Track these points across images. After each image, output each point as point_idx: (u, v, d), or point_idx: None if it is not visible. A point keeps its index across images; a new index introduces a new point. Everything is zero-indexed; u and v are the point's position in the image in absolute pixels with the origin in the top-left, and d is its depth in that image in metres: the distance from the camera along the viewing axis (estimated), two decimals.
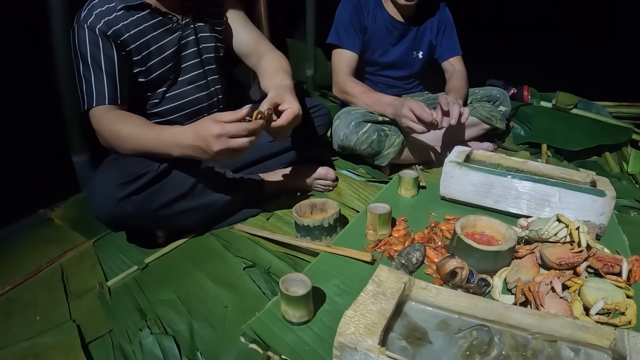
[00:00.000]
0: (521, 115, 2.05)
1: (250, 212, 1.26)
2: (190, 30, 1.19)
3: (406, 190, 1.30)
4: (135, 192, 1.01)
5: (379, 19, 1.64)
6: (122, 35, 1.07)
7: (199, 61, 1.23)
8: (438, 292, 0.76)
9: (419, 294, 0.76)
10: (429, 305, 0.77)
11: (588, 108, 2.13)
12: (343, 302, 0.86)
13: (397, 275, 0.75)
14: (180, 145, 0.99)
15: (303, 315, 0.80)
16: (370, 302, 0.68)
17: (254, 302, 0.95)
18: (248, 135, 0.97)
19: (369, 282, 0.73)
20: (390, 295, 0.70)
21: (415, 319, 0.75)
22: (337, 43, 1.62)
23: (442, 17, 1.72)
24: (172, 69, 1.18)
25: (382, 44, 1.68)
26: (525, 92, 2.21)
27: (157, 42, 1.13)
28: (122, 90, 1.09)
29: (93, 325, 0.92)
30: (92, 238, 1.22)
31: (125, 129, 1.03)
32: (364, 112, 1.49)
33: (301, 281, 0.80)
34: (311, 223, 1.08)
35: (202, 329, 0.89)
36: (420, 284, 0.76)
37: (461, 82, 1.66)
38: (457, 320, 0.76)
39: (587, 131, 1.93)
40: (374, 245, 1.05)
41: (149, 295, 0.99)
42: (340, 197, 1.38)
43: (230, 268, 1.06)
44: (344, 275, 0.94)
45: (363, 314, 0.66)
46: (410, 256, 0.99)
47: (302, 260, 1.08)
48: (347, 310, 0.67)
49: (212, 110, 1.30)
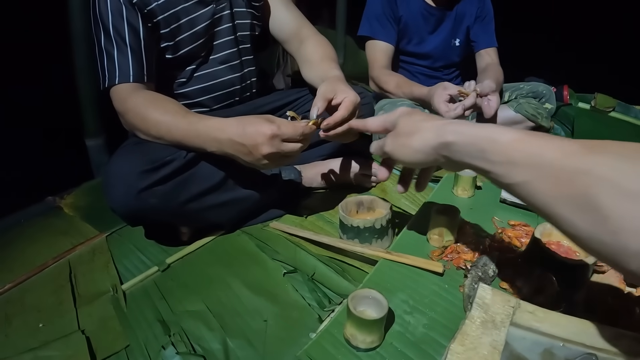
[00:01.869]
0: (562, 116, 1.96)
1: (284, 210, 1.11)
2: (225, 4, 1.05)
3: (463, 191, 1.14)
4: (160, 182, 0.86)
5: (414, 6, 1.54)
6: (149, 4, 0.93)
7: (233, 39, 1.09)
8: (545, 316, 0.60)
9: (524, 318, 0.60)
10: (533, 331, 0.61)
11: (626, 112, 2.04)
12: (415, 322, 0.70)
13: (503, 298, 0.58)
14: (220, 140, 0.84)
15: (374, 340, 0.63)
16: (479, 332, 0.52)
17: (298, 316, 0.79)
18: (301, 141, 0.83)
19: (474, 306, 0.56)
20: (500, 323, 0.54)
21: (517, 347, 0.59)
22: (370, 35, 1.53)
23: (482, 5, 1.60)
24: (203, 45, 1.04)
25: (419, 33, 1.57)
26: (565, 92, 2.11)
27: (188, 14, 0.99)
28: (148, 67, 0.95)
29: (106, 338, 0.77)
30: (106, 232, 1.09)
31: (154, 113, 0.88)
32: (409, 104, 1.36)
33: (373, 299, 0.63)
34: (362, 224, 0.92)
35: (239, 348, 0.73)
36: (527, 307, 0.59)
37: (498, 76, 1.50)
38: (562, 348, 0.61)
39: (628, 135, 1.83)
40: (440, 253, 0.89)
41: (173, 304, 0.83)
42: (386, 194, 1.22)
43: (268, 273, 0.90)
44: (411, 288, 0.77)
45: (474, 347, 0.50)
46: (487, 268, 0.82)
47: (351, 266, 0.92)
48: (452, 344, 0.51)
49: (245, 94, 1.16)
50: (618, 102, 2.06)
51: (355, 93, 0.92)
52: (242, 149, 0.83)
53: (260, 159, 0.83)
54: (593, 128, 1.86)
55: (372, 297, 0.64)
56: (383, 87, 1.49)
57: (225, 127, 0.83)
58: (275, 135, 0.80)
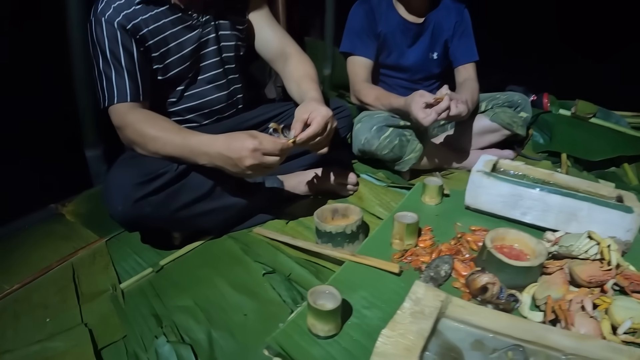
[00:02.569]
0: (541, 123, 2.01)
1: (270, 216, 1.22)
2: (210, 28, 1.15)
3: (430, 198, 1.26)
4: (154, 192, 0.97)
5: (392, 21, 1.60)
6: (141, 30, 1.03)
7: (218, 60, 1.19)
8: (476, 311, 0.72)
9: (456, 312, 0.71)
10: (464, 323, 0.72)
11: (607, 118, 2.08)
12: (371, 316, 0.81)
13: (434, 293, 0.70)
14: (210, 154, 0.96)
15: (331, 329, 0.75)
16: (408, 321, 0.64)
17: (275, 311, 0.90)
18: (279, 155, 0.95)
19: (406, 299, 0.68)
20: (429, 314, 0.66)
21: (451, 337, 0.70)
22: (351, 51, 1.59)
23: (460, 19, 1.65)
24: (190, 67, 1.14)
25: (397, 47, 1.64)
26: (545, 99, 2.17)
27: (176, 39, 1.09)
28: (144, 87, 1.05)
29: (106, 330, 0.88)
30: (105, 236, 1.19)
31: (151, 130, 0.99)
32: (386, 117, 1.45)
33: (330, 294, 0.75)
34: (333, 229, 1.03)
35: (222, 338, 0.85)
36: (458, 302, 0.71)
37: (473, 92, 1.54)
38: (492, 339, 0.72)
39: (607, 141, 1.87)
40: (400, 256, 1.00)
41: (165, 300, 0.95)
42: (362, 202, 1.33)
43: (250, 274, 1.01)
44: (371, 286, 0.89)
45: (402, 333, 0.61)
46: (439, 269, 0.94)
47: (324, 267, 1.04)
48: (384, 330, 0.63)
49: (232, 109, 1.26)
50: (599, 108, 2.07)
51: (326, 109, 1.04)
52: (229, 161, 0.95)
53: (244, 170, 0.95)
54: (571, 134, 1.89)
55: (329, 292, 0.76)
56: (363, 100, 1.56)
57: (214, 143, 0.96)
58: (256, 149, 0.92)
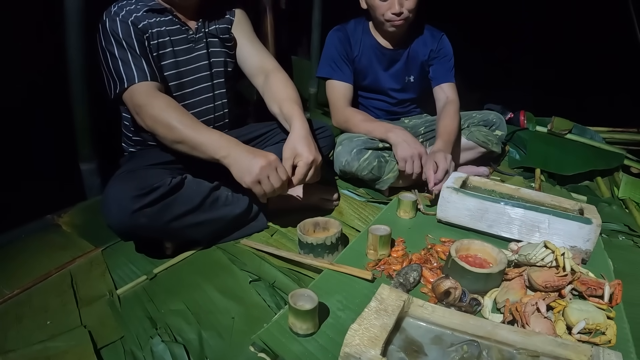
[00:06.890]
0: (517, 140, 2.10)
1: (256, 228, 1.31)
2: (202, 45, 1.26)
3: (405, 213, 1.37)
4: (149, 205, 1.05)
5: (367, 46, 1.68)
6: (146, 31, 1.15)
7: (208, 74, 1.29)
8: (433, 310, 0.83)
9: (417, 311, 0.82)
10: (425, 321, 0.83)
11: (582, 133, 2.19)
12: (345, 317, 0.92)
13: (397, 294, 0.81)
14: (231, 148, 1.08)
15: (309, 327, 0.85)
16: (373, 317, 0.74)
17: (259, 314, 1.00)
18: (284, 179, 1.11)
19: (373, 299, 0.79)
20: (391, 312, 0.77)
21: (413, 333, 0.81)
22: (328, 76, 1.66)
23: (437, 46, 1.71)
24: (181, 75, 1.24)
25: (373, 70, 1.71)
26: (521, 116, 2.28)
27: (173, 46, 1.21)
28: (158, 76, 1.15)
29: (104, 331, 0.96)
30: (101, 246, 1.25)
31: (175, 118, 1.08)
32: (365, 140, 1.53)
33: (308, 296, 0.85)
34: (314, 241, 1.13)
35: (211, 338, 0.93)
36: (418, 302, 0.82)
37: (452, 123, 1.60)
38: (450, 335, 0.82)
39: (581, 156, 1.98)
40: (374, 264, 1.11)
41: (159, 304, 1.03)
42: (342, 216, 1.44)
43: (237, 281, 1.10)
44: (346, 291, 1.00)
45: (367, 327, 0.72)
46: (408, 276, 1.05)
47: (305, 275, 1.13)
48: (352, 324, 0.73)
49: (219, 123, 1.36)
50: (575, 124, 2.20)
51: (309, 154, 1.16)
52: (245, 161, 1.07)
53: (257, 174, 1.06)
54: (545, 150, 2.00)
55: (308, 294, 0.86)
56: (349, 121, 1.63)
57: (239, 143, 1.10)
58: (274, 161, 1.08)
